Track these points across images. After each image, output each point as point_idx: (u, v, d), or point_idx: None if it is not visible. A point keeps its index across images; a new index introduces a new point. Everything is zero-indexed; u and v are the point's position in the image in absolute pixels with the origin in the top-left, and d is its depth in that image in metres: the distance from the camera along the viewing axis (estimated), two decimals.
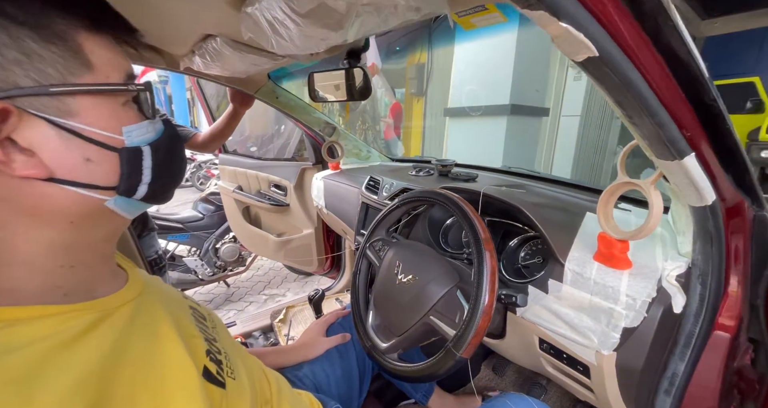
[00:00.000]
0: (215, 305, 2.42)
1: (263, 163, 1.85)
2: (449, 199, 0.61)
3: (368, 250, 0.75)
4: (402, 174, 1.16)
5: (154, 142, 0.33)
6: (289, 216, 1.81)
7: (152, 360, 0.31)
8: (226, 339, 0.46)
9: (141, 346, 0.32)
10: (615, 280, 0.52)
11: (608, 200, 0.57)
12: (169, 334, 0.35)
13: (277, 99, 1.26)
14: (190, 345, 0.36)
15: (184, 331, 0.38)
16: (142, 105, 0.33)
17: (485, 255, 0.53)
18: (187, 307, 0.43)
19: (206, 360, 0.38)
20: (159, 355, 0.32)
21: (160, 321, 0.35)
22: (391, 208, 0.73)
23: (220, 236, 2.40)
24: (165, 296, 0.41)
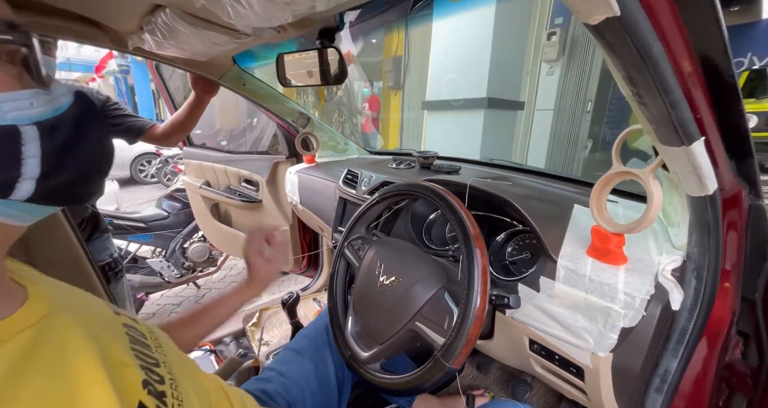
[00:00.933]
0: (184, 308, 2.27)
1: (232, 156, 1.73)
2: (435, 193, 0.55)
3: (346, 249, 0.69)
4: (382, 167, 1.10)
5: (45, 120, 0.24)
6: (262, 213, 1.70)
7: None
8: (174, 360, 0.38)
9: (41, 390, 0.24)
10: (611, 277, 0.49)
11: (602, 191, 0.53)
12: (86, 369, 0.27)
13: (244, 86, 1.15)
14: (119, 379, 0.29)
15: (111, 360, 0.30)
16: (30, 67, 0.24)
17: (475, 253, 0.48)
18: (120, 325, 0.35)
19: (143, 394, 0.30)
20: (68, 402, 0.24)
21: (75, 351, 0.27)
22: (371, 202, 0.67)
23: (187, 235, 2.24)
24: (86, 316, 0.32)
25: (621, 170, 0.49)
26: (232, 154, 1.73)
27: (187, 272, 2.24)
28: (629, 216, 0.65)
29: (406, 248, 0.62)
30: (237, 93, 1.17)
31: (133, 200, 4.92)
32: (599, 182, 0.52)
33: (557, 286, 0.54)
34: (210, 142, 2.35)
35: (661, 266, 0.50)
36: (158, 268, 2.09)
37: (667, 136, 0.37)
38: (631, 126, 0.48)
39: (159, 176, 5.72)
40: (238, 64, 1.09)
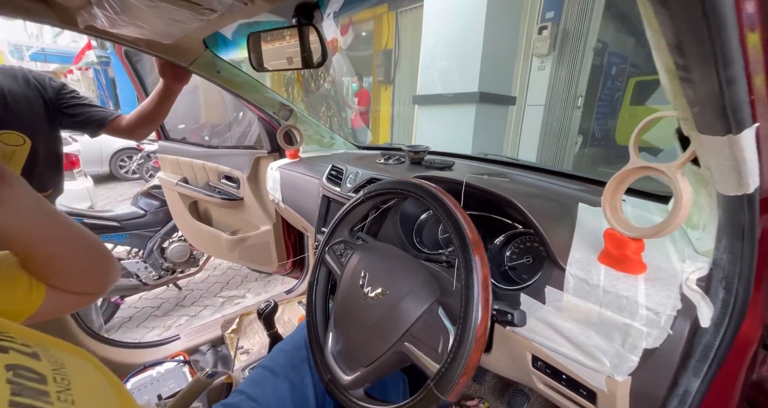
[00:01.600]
0: (164, 311, 2.16)
1: (211, 151, 1.62)
2: (427, 192, 0.48)
3: (327, 255, 0.61)
4: (369, 162, 1.02)
5: None
6: (244, 211, 1.61)
7: None
8: (91, 397, 0.30)
9: None
10: (629, 288, 0.42)
11: (616, 189, 0.46)
12: None
13: (218, 74, 1.05)
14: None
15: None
16: None
17: (475, 262, 0.41)
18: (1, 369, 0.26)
19: None
20: None
21: None
22: (355, 202, 0.59)
23: (166, 235, 2.12)
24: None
25: (641, 165, 0.43)
26: (210, 149, 1.62)
27: (167, 273, 2.12)
28: (641, 216, 0.59)
29: (394, 255, 0.55)
30: (211, 81, 1.07)
31: (113, 197, 4.72)
32: (614, 179, 0.46)
33: (566, 298, 0.47)
34: (194, 137, 2.23)
35: (684, 275, 0.43)
36: (134, 269, 1.97)
37: (711, 122, 0.30)
38: (656, 114, 0.41)
39: (140, 172, 5.51)
40: (210, 50, 0.98)
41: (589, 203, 0.63)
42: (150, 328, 1.95)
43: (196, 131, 2.55)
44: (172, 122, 2.22)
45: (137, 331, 1.92)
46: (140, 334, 1.90)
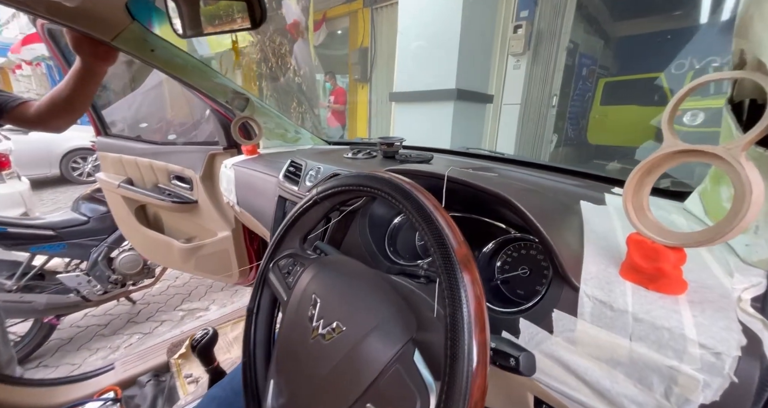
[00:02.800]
0: (112, 329, 1.92)
1: (159, 148, 1.42)
2: (396, 187, 0.35)
3: (272, 273, 0.47)
4: (336, 157, 0.88)
5: None
6: (199, 216, 1.42)
7: None
8: None
9: None
10: (670, 316, 0.31)
11: (642, 182, 0.35)
12: None
13: (152, 53, 0.88)
14: None
15: None
16: None
17: (464, 288, 0.28)
18: None
19: None
20: None
21: None
22: (305, 204, 0.45)
23: (114, 243, 1.88)
24: None
25: (682, 149, 0.32)
26: (158, 146, 1.42)
27: (115, 287, 1.88)
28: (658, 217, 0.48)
29: (355, 272, 0.41)
30: (144, 62, 0.89)
31: (63, 202, 4.29)
32: (639, 168, 0.35)
33: (581, 327, 0.36)
34: (159, 137, 2.02)
35: (735, 294, 0.33)
36: (74, 284, 1.73)
37: None
38: (703, 77, 0.30)
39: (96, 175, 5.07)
40: (139, 22, 0.81)
41: (591, 200, 0.52)
42: (94, 351, 1.71)
43: (161, 130, 2.32)
44: (132, 121, 1.99)
45: (77, 355, 1.67)
46: (81, 358, 1.65)
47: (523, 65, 4.13)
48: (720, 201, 0.40)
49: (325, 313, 0.37)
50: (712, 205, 0.42)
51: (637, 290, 0.35)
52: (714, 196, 0.42)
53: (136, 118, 2.10)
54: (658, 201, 0.55)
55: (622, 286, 0.36)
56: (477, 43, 3.47)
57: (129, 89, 2.33)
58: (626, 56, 6.64)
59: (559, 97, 4.48)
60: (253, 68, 3.19)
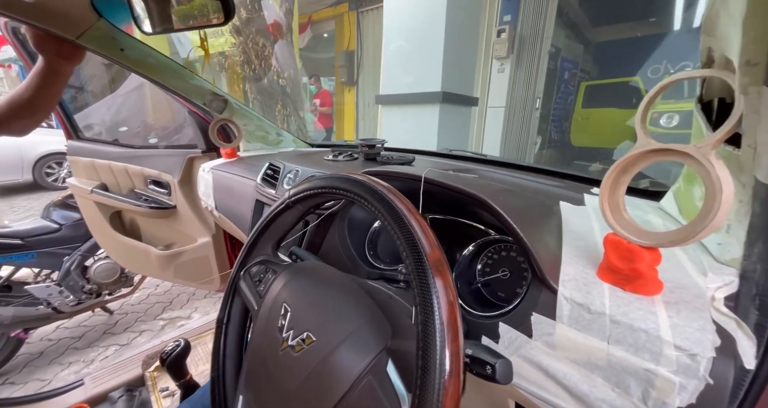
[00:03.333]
0: (87, 342, 1.83)
1: (135, 152, 1.37)
2: (369, 189, 0.33)
3: (242, 281, 0.44)
4: (316, 159, 0.86)
5: None
6: (177, 221, 1.37)
7: None
8: None
9: None
10: (647, 317, 0.31)
11: (618, 182, 0.35)
12: None
13: (122, 52, 0.84)
14: None
15: None
16: None
17: (435, 293, 0.27)
18: None
19: None
20: None
21: None
22: (277, 208, 0.43)
23: (89, 251, 1.80)
24: None
25: (654, 148, 0.31)
26: (134, 150, 1.37)
27: (90, 297, 1.80)
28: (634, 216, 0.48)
29: (328, 279, 0.40)
30: (114, 62, 0.85)
31: (36, 209, 4.10)
32: (615, 167, 0.34)
33: (559, 330, 0.35)
34: (139, 141, 1.95)
35: (708, 293, 0.33)
36: (43, 295, 1.64)
37: None
38: (673, 76, 0.30)
39: None
40: (106, 19, 0.78)
41: (571, 201, 0.52)
42: (66, 365, 1.63)
43: (141, 134, 2.25)
44: (111, 124, 1.93)
45: (48, 371, 1.59)
46: (52, 373, 1.57)
47: (507, 69, 4.20)
48: (693, 200, 0.41)
49: (295, 323, 0.35)
50: (685, 204, 0.43)
51: (614, 291, 0.34)
52: (687, 196, 0.42)
53: (115, 121, 2.03)
54: (635, 201, 0.56)
55: (599, 287, 0.35)
56: (461, 46, 3.51)
57: (108, 91, 2.25)
58: (606, 60, 6.85)
59: (542, 99, 4.58)
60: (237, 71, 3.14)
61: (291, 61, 3.09)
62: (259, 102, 3.17)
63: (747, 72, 0.22)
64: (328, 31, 6.32)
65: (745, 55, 0.21)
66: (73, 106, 2.83)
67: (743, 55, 0.21)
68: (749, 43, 0.20)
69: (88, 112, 2.19)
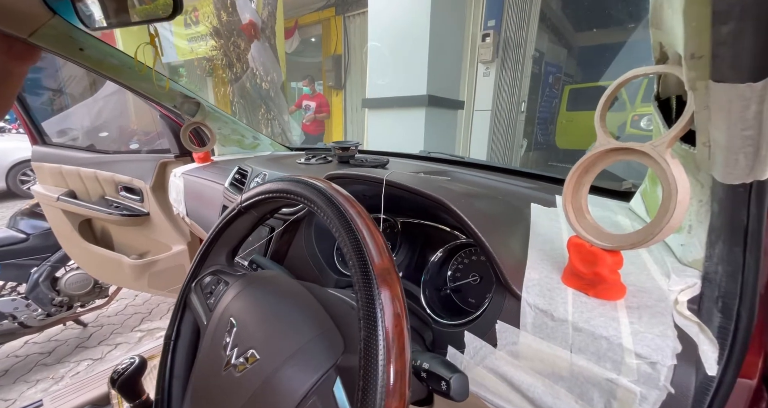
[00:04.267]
0: (57, 357, 1.74)
1: (104, 157, 1.32)
2: (317, 192, 0.31)
3: (193, 294, 0.41)
4: (289, 162, 0.83)
5: None
6: (151, 229, 1.32)
7: None
8: None
9: None
10: (609, 324, 0.29)
11: (580, 182, 0.34)
12: None
13: (81, 52, 0.80)
14: None
15: None
16: None
17: (380, 305, 0.25)
18: None
19: None
20: None
21: None
22: (228, 215, 0.41)
23: (59, 262, 1.73)
24: None
25: (612, 147, 0.30)
26: (103, 155, 1.32)
27: (60, 310, 1.72)
28: (603, 217, 0.47)
29: (282, 290, 0.37)
30: (72, 62, 0.81)
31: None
32: (576, 168, 0.33)
33: (523, 339, 0.33)
34: (121, 147, 1.89)
35: (672, 296, 0.31)
36: (8, 309, 1.56)
37: (744, 57, 0.17)
38: (627, 73, 0.29)
39: None
40: (62, 17, 0.74)
41: (544, 203, 0.51)
42: (33, 383, 1.54)
43: (123, 140, 2.18)
44: (89, 128, 1.86)
45: (13, 390, 1.50)
46: (17, 392, 1.48)
47: (492, 72, 4.26)
48: (657, 200, 0.40)
49: (240, 340, 0.32)
50: (651, 204, 0.42)
51: (577, 297, 0.33)
52: (653, 196, 0.41)
53: (95, 126, 1.96)
54: (606, 201, 0.55)
55: (563, 293, 0.33)
56: (446, 49, 3.54)
57: (89, 93, 2.19)
58: (588, 65, 7.03)
59: (527, 103, 4.65)
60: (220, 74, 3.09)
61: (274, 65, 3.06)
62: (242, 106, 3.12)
63: (693, 66, 0.20)
64: (315, 36, 6.31)
65: (689, 48, 0.20)
66: (51, 108, 2.73)
67: (687, 48, 0.20)
68: (692, 34, 0.19)
69: (64, 116, 2.11)
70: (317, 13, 6.05)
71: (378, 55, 3.61)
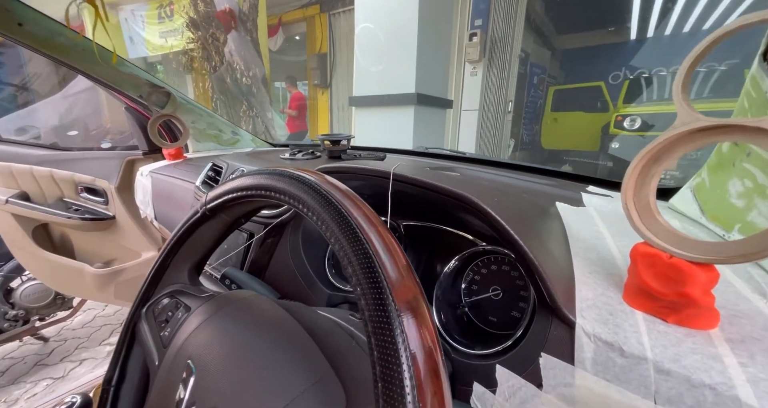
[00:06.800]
0: (11, 377, 1.56)
1: (61, 155, 1.17)
2: (308, 188, 0.22)
3: (143, 323, 0.32)
4: (271, 158, 0.74)
5: None
6: (118, 234, 1.19)
7: None
8: None
9: None
10: (709, 365, 0.22)
11: (648, 174, 0.26)
12: None
13: (20, 27, 0.68)
14: None
15: None
16: None
17: (407, 352, 0.16)
18: None
19: None
20: None
21: None
22: (189, 220, 0.31)
23: (14, 272, 1.55)
24: None
25: (707, 125, 0.22)
26: (60, 152, 1.18)
27: (15, 324, 1.55)
28: None
29: (260, 319, 0.28)
30: (10, 39, 0.69)
31: None
32: (642, 155, 0.25)
33: (581, 380, 0.25)
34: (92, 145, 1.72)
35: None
36: None
37: None
38: (735, 22, 0.21)
39: None
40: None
41: (568, 201, 0.44)
42: None
43: (96, 138, 2.01)
44: (59, 127, 1.70)
45: None
46: None
47: (479, 72, 4.24)
48: (726, 197, 0.33)
49: (199, 396, 0.23)
50: (712, 202, 0.35)
51: (652, 324, 0.25)
52: (717, 192, 0.34)
53: (62, 124, 1.80)
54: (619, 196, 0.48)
55: (631, 318, 0.26)
56: (434, 48, 3.49)
57: (57, 89, 2.01)
58: (571, 66, 7.17)
59: (514, 103, 4.66)
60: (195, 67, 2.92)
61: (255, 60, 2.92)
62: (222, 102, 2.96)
63: None
64: (299, 34, 6.16)
65: None
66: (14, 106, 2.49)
67: None
68: None
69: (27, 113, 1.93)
70: (301, 10, 5.91)
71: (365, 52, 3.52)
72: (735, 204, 0.31)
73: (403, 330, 0.17)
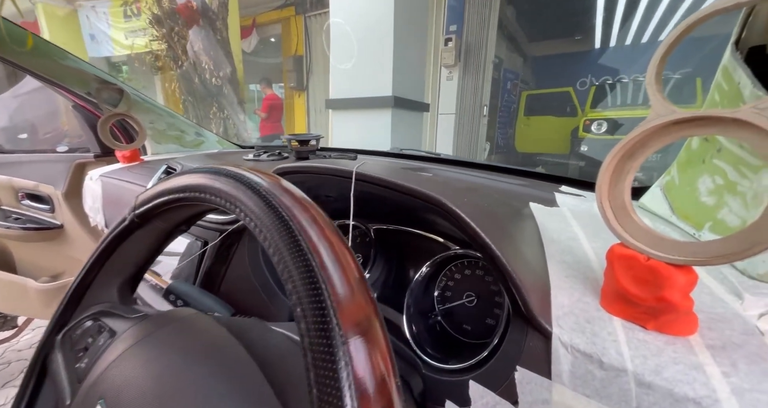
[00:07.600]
0: None
1: (1, 158, 1.06)
2: (243, 185, 0.19)
3: (57, 352, 0.27)
4: (233, 160, 0.68)
5: None
6: (66, 244, 1.09)
7: None
8: None
9: None
10: (692, 375, 0.20)
11: (623, 169, 0.24)
12: None
13: None
14: None
15: None
16: None
17: (350, 389, 0.13)
18: None
19: None
20: None
21: None
22: (115, 230, 0.27)
23: None
24: None
25: (682, 118, 0.21)
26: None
27: None
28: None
29: (198, 346, 0.24)
30: None
31: None
32: (617, 151, 0.24)
33: (558, 396, 0.23)
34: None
35: (753, 323, 0.23)
36: None
37: None
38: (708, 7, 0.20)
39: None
40: None
41: (541, 201, 0.42)
42: None
43: (51, 140, 1.84)
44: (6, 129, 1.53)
45: None
46: None
47: (455, 76, 4.31)
48: (696, 195, 0.32)
49: None
50: (682, 201, 0.34)
51: (631, 332, 0.23)
52: (685, 190, 0.33)
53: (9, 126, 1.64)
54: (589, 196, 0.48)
55: (609, 325, 0.24)
56: (411, 51, 3.51)
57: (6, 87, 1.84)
58: (542, 72, 7.47)
59: (489, 107, 4.77)
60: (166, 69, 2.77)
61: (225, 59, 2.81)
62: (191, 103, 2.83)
63: None
64: (274, 36, 6.04)
65: None
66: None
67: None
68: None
69: None
70: (276, 11, 5.80)
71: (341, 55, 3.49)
72: (705, 202, 0.31)
73: (348, 362, 0.14)
